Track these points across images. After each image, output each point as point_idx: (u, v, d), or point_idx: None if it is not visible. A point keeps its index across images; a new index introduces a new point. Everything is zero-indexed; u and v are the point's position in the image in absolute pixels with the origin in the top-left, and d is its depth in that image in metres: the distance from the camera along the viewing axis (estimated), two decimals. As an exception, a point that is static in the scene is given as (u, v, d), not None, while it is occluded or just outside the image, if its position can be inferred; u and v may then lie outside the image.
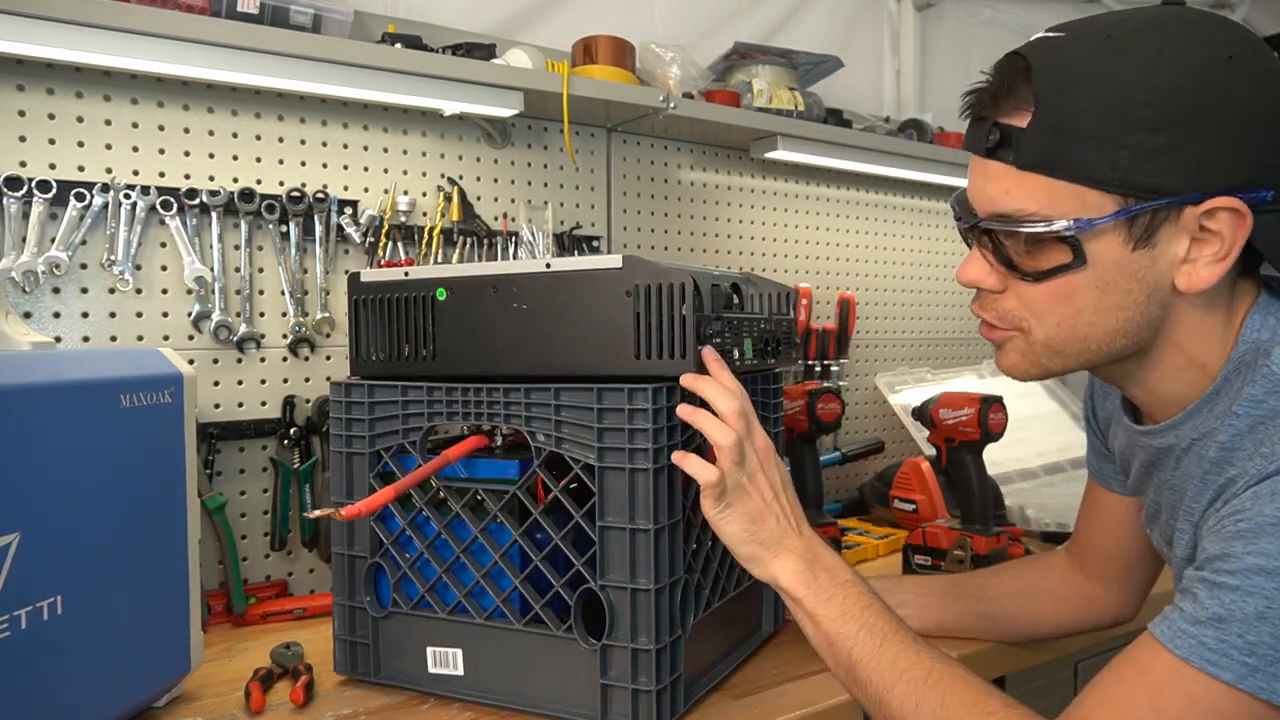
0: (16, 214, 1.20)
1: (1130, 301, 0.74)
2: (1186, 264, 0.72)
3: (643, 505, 0.90)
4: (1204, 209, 0.70)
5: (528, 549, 0.96)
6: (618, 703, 0.92)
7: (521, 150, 1.65)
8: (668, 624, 0.92)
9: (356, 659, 1.06)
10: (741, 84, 1.82)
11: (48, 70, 1.23)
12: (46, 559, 0.80)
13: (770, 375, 1.16)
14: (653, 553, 0.90)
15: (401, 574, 1.04)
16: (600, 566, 0.92)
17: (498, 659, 1.00)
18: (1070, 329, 0.76)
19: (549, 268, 0.96)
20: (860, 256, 2.18)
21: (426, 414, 1.02)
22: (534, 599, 0.96)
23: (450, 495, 1.01)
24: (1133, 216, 0.70)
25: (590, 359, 0.94)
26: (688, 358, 0.90)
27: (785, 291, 1.14)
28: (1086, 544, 1.09)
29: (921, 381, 2.10)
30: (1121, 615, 1.10)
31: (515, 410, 0.96)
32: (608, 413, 0.91)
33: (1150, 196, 0.69)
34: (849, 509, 1.97)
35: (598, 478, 0.92)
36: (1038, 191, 0.72)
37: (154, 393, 0.94)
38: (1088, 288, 0.74)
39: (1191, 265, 0.72)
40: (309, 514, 1.16)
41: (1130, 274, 0.73)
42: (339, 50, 1.29)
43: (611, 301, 0.92)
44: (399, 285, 1.06)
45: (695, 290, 0.90)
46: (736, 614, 1.12)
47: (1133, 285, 0.73)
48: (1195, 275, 0.72)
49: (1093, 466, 1.06)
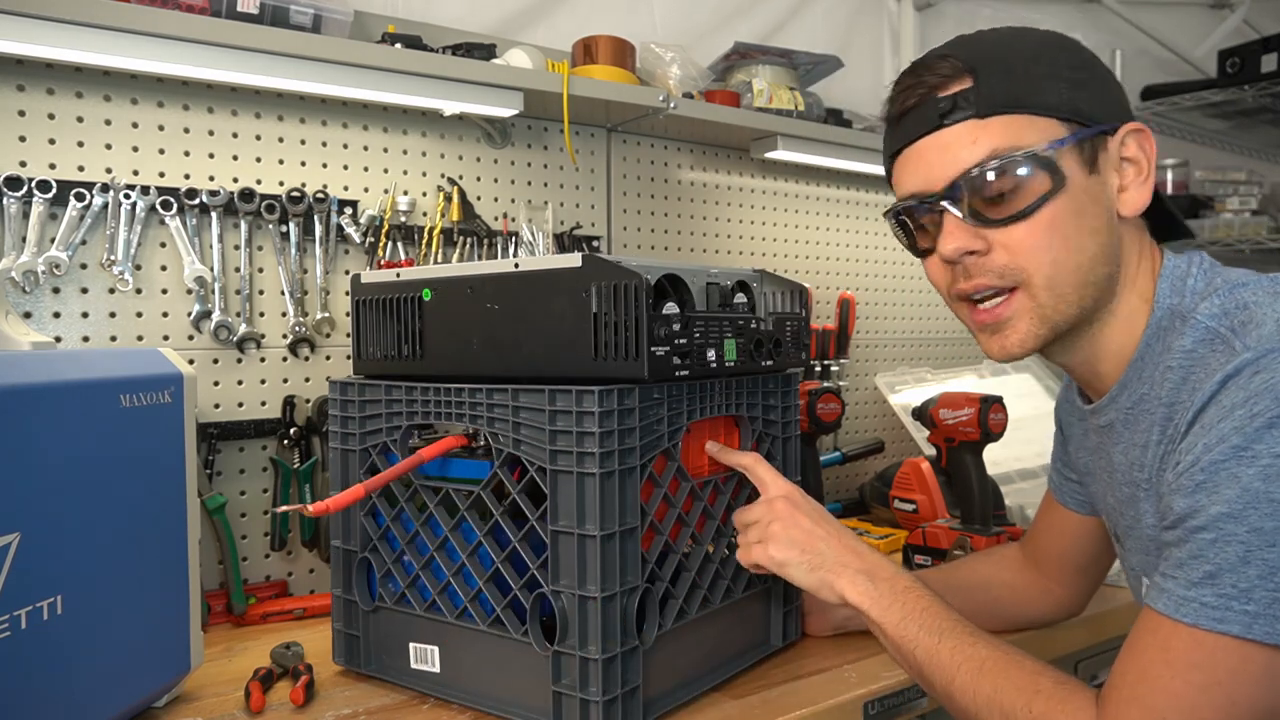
0: (16, 214, 1.20)
1: (1101, 225, 0.81)
2: (1123, 191, 0.82)
3: (591, 510, 0.88)
4: (1120, 136, 0.81)
5: (490, 549, 0.96)
6: (568, 712, 0.90)
7: (521, 150, 1.65)
8: (618, 633, 0.89)
9: (351, 650, 1.09)
10: (741, 84, 1.82)
11: (48, 70, 1.23)
12: (46, 559, 0.80)
13: (781, 377, 1.12)
14: (599, 559, 0.87)
15: (385, 569, 1.05)
16: (552, 571, 0.90)
17: (468, 659, 1.00)
18: (1065, 260, 0.80)
19: (517, 268, 0.96)
20: (860, 256, 2.18)
21: (405, 413, 1.03)
22: (497, 600, 0.96)
23: (425, 493, 1.01)
24: (1081, 141, 0.79)
25: (555, 360, 0.93)
26: (641, 359, 0.88)
27: (793, 290, 1.11)
28: (1042, 545, 1.13)
29: (921, 381, 2.09)
30: (1072, 610, 1.16)
31: (479, 411, 0.96)
32: (559, 414, 0.89)
33: (1089, 123, 0.80)
34: (849, 509, 1.96)
35: (549, 481, 0.90)
36: (1006, 130, 0.79)
37: (154, 393, 0.94)
38: (1067, 213, 0.79)
39: (1126, 191, 0.82)
40: (278, 509, 1.17)
41: (1094, 198, 0.80)
42: (339, 50, 1.29)
43: (572, 302, 0.91)
44: (394, 286, 1.07)
45: (652, 290, 0.88)
46: (729, 627, 1.08)
47: (1098, 209, 0.81)
48: (1131, 199, 0.81)
49: (1053, 482, 1.11)
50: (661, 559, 0.97)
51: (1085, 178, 0.80)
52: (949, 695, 0.82)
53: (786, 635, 1.15)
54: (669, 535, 0.98)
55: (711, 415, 1.02)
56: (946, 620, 0.85)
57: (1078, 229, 0.80)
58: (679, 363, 0.92)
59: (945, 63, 0.82)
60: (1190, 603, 0.68)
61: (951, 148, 0.81)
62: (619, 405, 0.88)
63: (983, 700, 0.78)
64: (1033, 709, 0.75)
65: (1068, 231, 0.79)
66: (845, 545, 0.93)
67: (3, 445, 0.76)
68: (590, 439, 0.87)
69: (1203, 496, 0.69)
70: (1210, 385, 0.71)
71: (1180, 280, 0.82)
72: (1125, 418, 0.85)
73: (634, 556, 0.91)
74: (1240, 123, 3.14)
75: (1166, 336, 0.81)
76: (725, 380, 1.03)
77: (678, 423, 0.97)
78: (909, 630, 0.86)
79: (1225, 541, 0.67)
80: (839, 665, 1.09)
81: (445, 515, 1.00)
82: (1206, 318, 0.77)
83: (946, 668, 0.82)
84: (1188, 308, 0.80)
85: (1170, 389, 0.78)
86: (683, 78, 1.70)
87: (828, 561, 0.92)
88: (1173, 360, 0.78)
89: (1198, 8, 3.13)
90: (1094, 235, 0.80)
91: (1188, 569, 0.69)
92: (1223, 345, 0.74)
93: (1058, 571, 1.12)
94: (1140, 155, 0.81)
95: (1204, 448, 0.70)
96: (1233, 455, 0.68)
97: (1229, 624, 0.66)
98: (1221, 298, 0.78)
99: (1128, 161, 0.82)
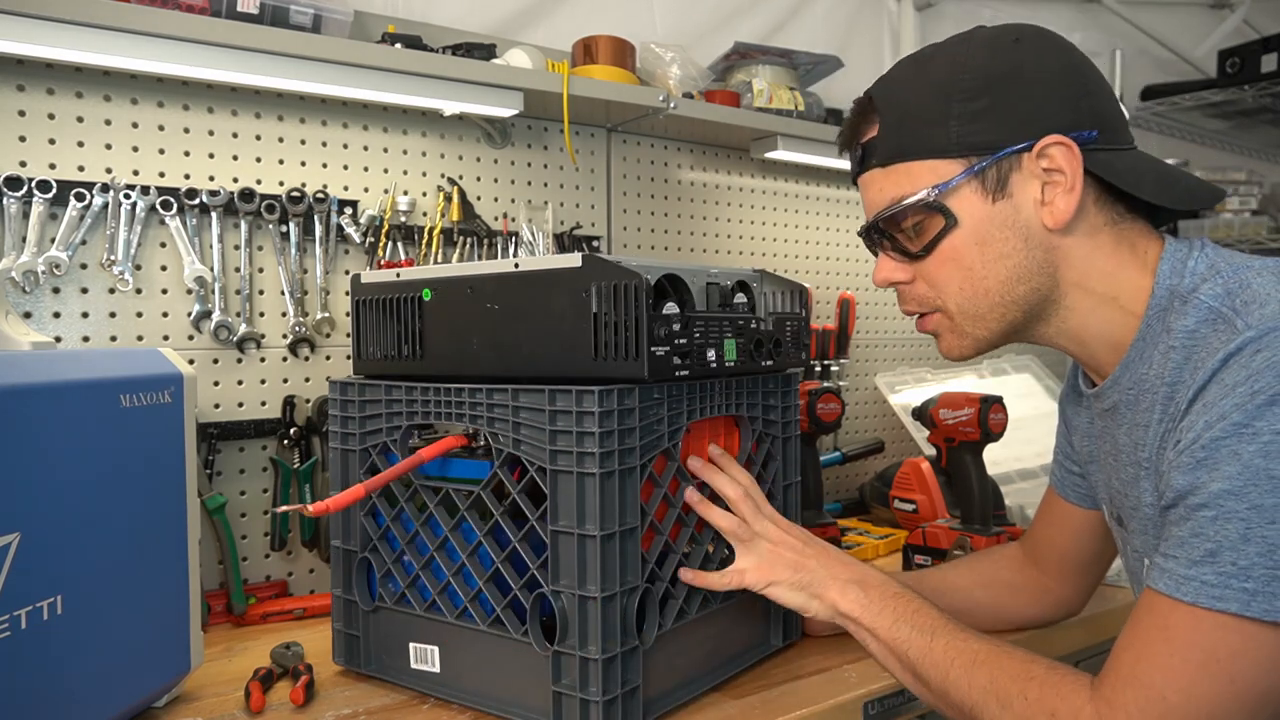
0: (16, 214, 1.20)
1: (1011, 249, 0.84)
2: (1046, 205, 0.83)
3: (591, 510, 0.88)
4: (1037, 151, 0.81)
5: (490, 549, 0.96)
6: (568, 712, 0.90)
7: (521, 150, 1.65)
8: (618, 633, 0.89)
9: (351, 650, 1.09)
10: (741, 84, 1.82)
11: (48, 70, 1.23)
12: (46, 559, 0.80)
13: (781, 377, 1.13)
14: (599, 559, 0.87)
15: (385, 569, 1.05)
16: (552, 571, 0.90)
17: (468, 659, 1.00)
18: (971, 287, 0.86)
19: (517, 268, 0.96)
20: (860, 256, 2.18)
21: (405, 413, 1.03)
22: (497, 600, 0.96)
23: (425, 494, 1.01)
24: (980, 172, 0.83)
25: (555, 360, 0.93)
26: (641, 359, 0.88)
27: (793, 290, 1.11)
28: (1042, 542, 1.13)
29: (921, 381, 2.10)
30: (1071, 610, 1.16)
31: (479, 411, 0.96)
32: (559, 414, 0.89)
33: (989, 152, 0.82)
34: (849, 509, 1.97)
35: (549, 481, 0.90)
36: (901, 179, 0.86)
37: (154, 393, 0.94)
38: (968, 245, 0.84)
39: (1050, 204, 0.82)
40: (278, 509, 1.17)
41: (999, 224, 0.84)
42: (339, 50, 1.29)
43: (572, 302, 0.91)
44: (393, 286, 1.07)
45: (652, 290, 0.88)
46: (729, 627, 1.07)
47: (1006, 234, 0.84)
48: (1055, 210, 0.82)
49: (1055, 477, 1.11)
50: (661, 559, 0.98)
51: (988, 206, 0.83)
52: (944, 691, 0.82)
53: (786, 635, 1.15)
54: (669, 535, 0.98)
55: (711, 415, 1.02)
56: (938, 620, 0.86)
57: (982, 257, 0.84)
58: (679, 363, 0.92)
59: (867, 106, 0.89)
60: (1190, 581, 0.69)
61: (869, 190, 0.90)
62: (619, 405, 0.88)
63: (978, 691, 0.79)
64: (1028, 694, 0.75)
65: (970, 262, 0.85)
66: (834, 559, 0.96)
67: (3, 445, 0.76)
68: (590, 439, 0.87)
69: (1203, 473, 0.69)
70: (1212, 363, 0.71)
71: (1181, 262, 0.82)
72: (1127, 398, 0.86)
73: (634, 556, 0.91)
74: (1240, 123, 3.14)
75: (1166, 317, 0.81)
76: (725, 380, 1.03)
77: (678, 423, 0.97)
78: (901, 632, 0.87)
79: (1225, 519, 0.67)
80: (839, 665, 1.09)
81: (445, 515, 1.00)
82: (1209, 298, 0.77)
83: (940, 664, 0.83)
84: (1188, 288, 0.80)
85: (1173, 369, 0.78)
86: (683, 78, 1.70)
87: (817, 577, 0.95)
88: (1175, 340, 0.78)
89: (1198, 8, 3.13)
90: (1003, 259, 0.84)
91: (1188, 547, 0.70)
92: (1224, 325, 0.74)
93: (1058, 569, 1.12)
94: (1065, 167, 0.81)
95: (1205, 425, 0.70)
96: (1234, 432, 0.68)
97: (1228, 602, 0.66)
98: (1224, 278, 0.78)
99: (1051, 173, 0.82)
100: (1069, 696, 0.73)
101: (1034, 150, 0.81)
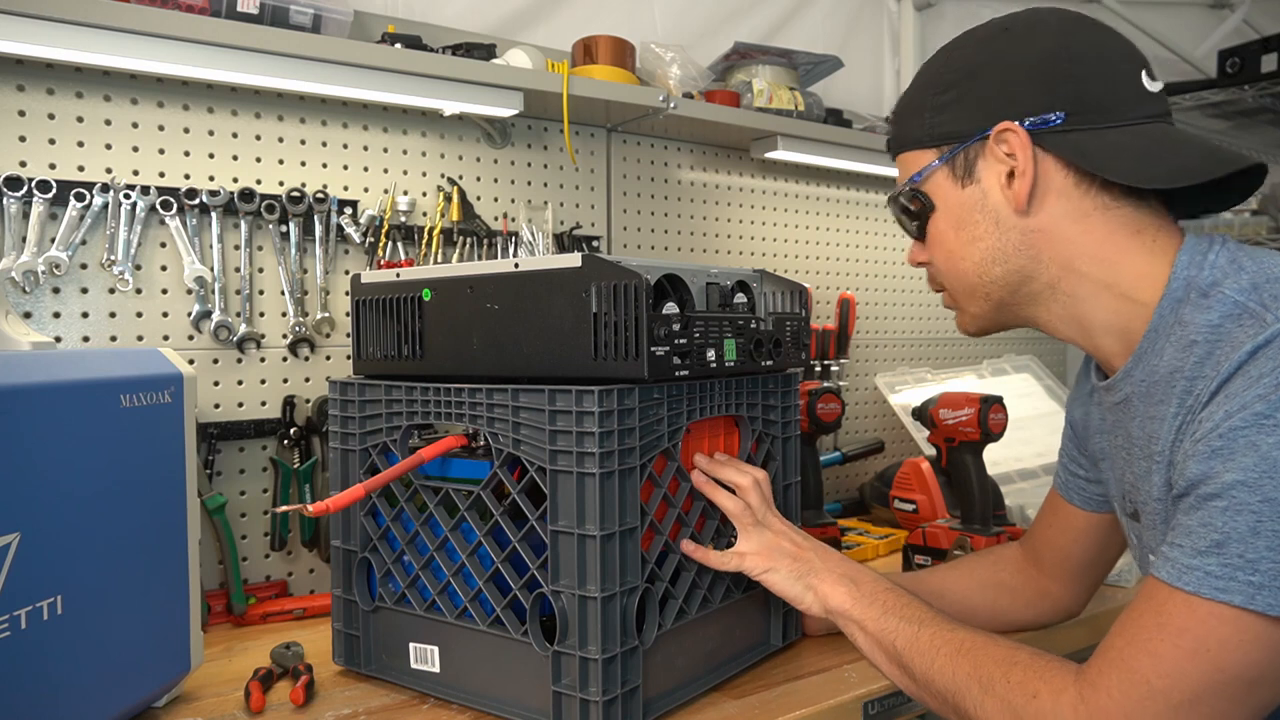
0: (16, 214, 1.20)
1: (982, 232, 0.88)
2: (1010, 189, 0.86)
3: (591, 510, 0.88)
4: (992, 137, 0.85)
5: (490, 549, 0.96)
6: (568, 712, 0.90)
7: (521, 150, 1.65)
8: (617, 634, 0.89)
9: (351, 650, 1.09)
10: (741, 84, 1.82)
11: (48, 70, 1.23)
12: (46, 559, 0.80)
13: (781, 377, 1.13)
14: (599, 559, 0.87)
15: (385, 569, 1.05)
16: (552, 571, 0.90)
17: (468, 659, 1.00)
18: (952, 267, 0.92)
19: (517, 268, 0.96)
20: (860, 256, 2.18)
21: (405, 413, 1.03)
22: (497, 601, 0.96)
23: (425, 494, 1.01)
24: (949, 160, 0.89)
25: (555, 360, 0.93)
26: (641, 359, 0.88)
27: (793, 290, 1.11)
28: (1044, 544, 1.13)
29: (921, 381, 2.10)
30: (1071, 611, 1.15)
31: (479, 411, 0.96)
32: (559, 415, 0.89)
33: (956, 140, 0.88)
34: (849, 509, 1.97)
35: (549, 481, 0.90)
36: (900, 169, 0.95)
37: (154, 393, 0.94)
38: (947, 228, 0.91)
39: (1011, 188, 0.86)
40: (278, 509, 1.17)
41: (971, 208, 0.88)
42: (339, 50, 1.29)
43: (572, 302, 0.91)
44: (393, 286, 1.07)
45: (651, 290, 0.88)
46: (729, 628, 1.07)
47: (977, 217, 0.88)
48: (1015, 194, 0.85)
49: (1059, 479, 1.10)
50: (661, 559, 0.98)
51: (959, 191, 0.89)
52: (928, 679, 0.83)
53: (786, 635, 1.15)
54: (669, 535, 0.98)
55: (711, 415, 1.02)
56: (927, 613, 0.88)
57: (958, 240, 0.90)
58: (679, 363, 0.92)
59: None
60: (1193, 571, 0.68)
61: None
62: (619, 405, 0.88)
63: (962, 677, 0.80)
64: (1010, 677, 0.76)
65: (949, 245, 0.91)
66: (831, 555, 0.99)
67: (3, 445, 0.76)
68: (590, 439, 0.87)
69: (1218, 462, 0.69)
70: (1238, 355, 0.71)
71: (1201, 255, 0.81)
72: (1140, 390, 0.84)
73: (634, 556, 0.91)
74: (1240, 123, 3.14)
75: (1180, 309, 0.80)
76: (725, 380, 1.03)
77: (678, 423, 0.97)
78: (889, 623, 0.89)
79: (1236, 510, 0.67)
80: (839, 665, 1.09)
81: (445, 515, 1.00)
82: (1235, 292, 0.75)
83: (926, 652, 0.84)
84: (1207, 281, 0.78)
85: (1194, 363, 0.76)
86: (683, 78, 1.70)
87: (814, 569, 0.97)
88: (1196, 335, 0.76)
89: (1198, 8, 3.12)
90: (976, 241, 0.89)
91: (1195, 537, 0.69)
92: (1251, 319, 0.73)
93: (1058, 570, 1.12)
94: (1017, 152, 0.84)
95: (1225, 414, 0.69)
96: (1254, 422, 0.67)
97: (1231, 594, 0.66)
98: (1249, 274, 0.77)
99: (1011, 158, 0.85)
100: (1051, 679, 0.74)
101: (989, 137, 0.85)
